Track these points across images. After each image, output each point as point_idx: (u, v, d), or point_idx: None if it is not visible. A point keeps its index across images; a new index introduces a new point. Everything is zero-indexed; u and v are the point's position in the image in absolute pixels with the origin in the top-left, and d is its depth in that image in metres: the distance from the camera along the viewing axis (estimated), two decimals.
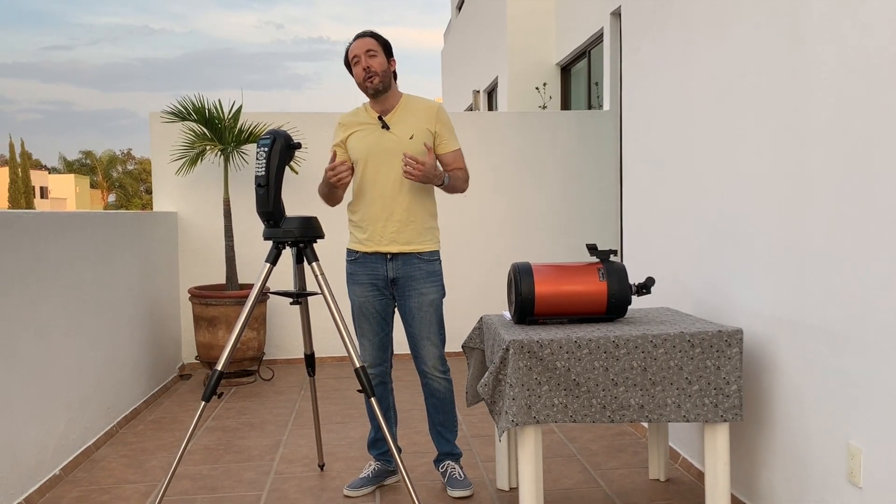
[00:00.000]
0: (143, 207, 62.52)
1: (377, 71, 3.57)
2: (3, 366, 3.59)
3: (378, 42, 3.63)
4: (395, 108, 3.67)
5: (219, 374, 3.38)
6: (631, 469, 4.06)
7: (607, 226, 7.26)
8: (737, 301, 3.47)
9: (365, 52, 3.57)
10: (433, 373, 3.76)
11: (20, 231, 3.83)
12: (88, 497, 3.84)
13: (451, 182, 3.68)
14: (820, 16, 2.79)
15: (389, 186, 3.61)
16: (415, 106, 3.70)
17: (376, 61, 3.58)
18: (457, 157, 3.76)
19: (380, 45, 3.62)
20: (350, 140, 3.69)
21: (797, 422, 3.02)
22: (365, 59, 3.57)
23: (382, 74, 3.59)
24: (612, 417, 3.09)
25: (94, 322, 4.74)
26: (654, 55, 4.38)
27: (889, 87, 2.44)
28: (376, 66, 3.57)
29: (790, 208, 3.01)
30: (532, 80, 10.48)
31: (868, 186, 2.55)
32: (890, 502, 2.52)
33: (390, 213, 3.63)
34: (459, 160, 3.77)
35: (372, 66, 3.57)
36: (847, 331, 2.69)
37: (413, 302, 3.69)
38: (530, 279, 3.29)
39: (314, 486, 3.91)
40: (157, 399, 5.80)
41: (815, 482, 2.91)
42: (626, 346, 3.09)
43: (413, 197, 3.63)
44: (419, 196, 3.66)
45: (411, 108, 3.69)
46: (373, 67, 3.57)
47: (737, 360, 3.12)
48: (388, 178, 3.62)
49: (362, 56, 3.57)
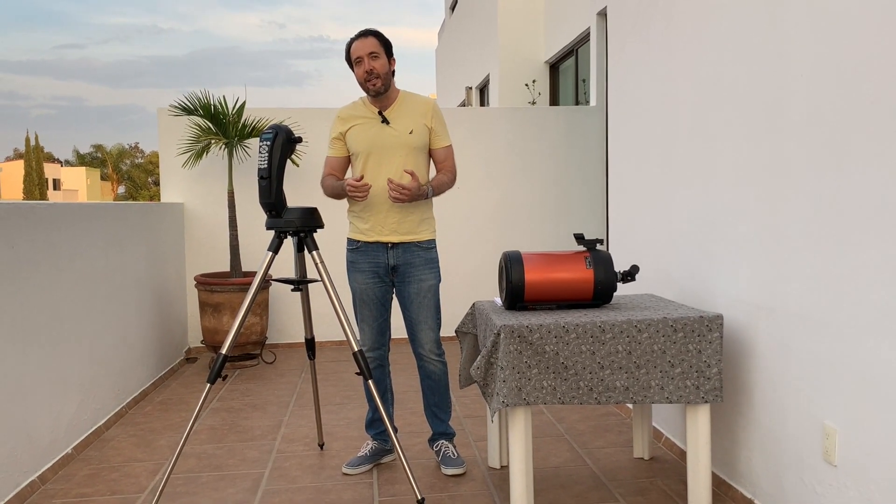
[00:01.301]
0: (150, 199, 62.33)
1: (380, 73, 3.54)
2: (18, 350, 3.57)
3: (380, 42, 3.58)
4: (393, 104, 3.65)
5: (223, 357, 3.37)
6: (616, 448, 4.06)
7: (594, 216, 7.25)
8: (717, 288, 3.46)
9: (368, 55, 3.53)
10: (429, 356, 3.75)
11: (35, 221, 3.81)
12: (99, 475, 3.82)
13: (436, 192, 3.68)
14: (796, 15, 2.77)
15: (392, 178, 3.59)
16: (412, 102, 3.67)
17: (379, 63, 3.54)
18: (448, 154, 3.74)
19: (382, 46, 3.58)
20: (350, 133, 3.66)
21: (775, 403, 3.02)
22: (368, 61, 3.53)
23: (384, 77, 3.56)
24: (599, 399, 3.09)
25: (105, 308, 4.72)
26: (638, 53, 4.36)
27: (861, 83, 2.43)
28: (379, 69, 3.54)
29: (768, 199, 3.00)
30: (522, 78, 10.46)
31: (842, 178, 2.54)
32: (863, 480, 2.52)
33: (391, 205, 3.61)
34: (450, 157, 3.76)
35: (375, 68, 3.53)
36: (822, 316, 2.69)
37: (412, 288, 3.68)
38: (520, 267, 3.28)
39: (314, 465, 3.91)
40: (164, 381, 5.79)
41: (792, 461, 2.91)
42: (611, 330, 3.08)
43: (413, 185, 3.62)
44: (420, 182, 3.64)
45: (409, 103, 3.66)
46: (376, 70, 3.53)
47: (717, 345, 3.12)
48: (389, 171, 3.60)
49: (365, 58, 3.53)
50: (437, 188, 3.68)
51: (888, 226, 2.34)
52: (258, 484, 3.66)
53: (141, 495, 3.55)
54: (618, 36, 4.71)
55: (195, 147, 6.36)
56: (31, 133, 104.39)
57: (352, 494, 3.51)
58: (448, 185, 3.75)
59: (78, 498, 3.53)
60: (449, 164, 3.76)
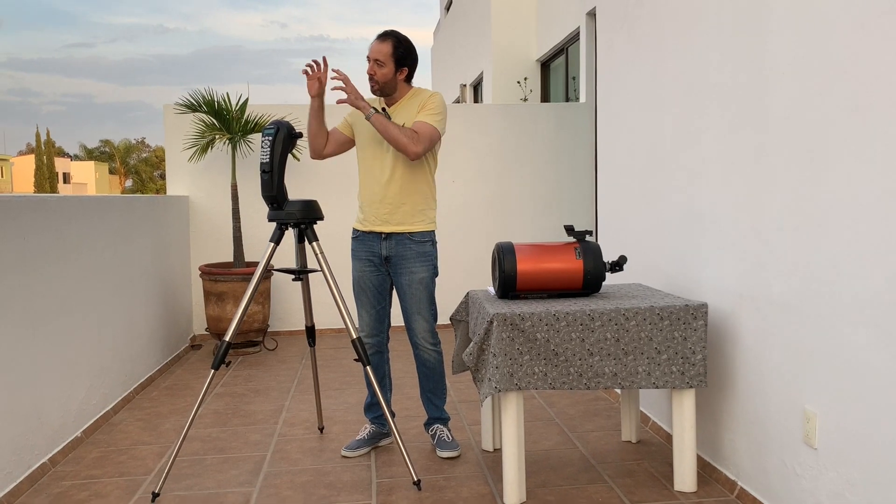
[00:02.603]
0: (157, 192, 62.15)
1: (378, 80, 3.54)
2: (30, 337, 3.55)
3: (393, 51, 3.52)
4: (400, 101, 3.64)
5: (227, 344, 3.36)
6: (605, 432, 4.06)
7: (583, 208, 7.24)
8: (702, 277, 3.45)
9: (374, 60, 3.53)
10: (424, 345, 3.73)
11: (45, 213, 3.79)
12: (107, 457, 3.81)
13: (382, 124, 3.42)
14: (778, 17, 2.76)
15: (384, 171, 3.59)
16: (416, 98, 3.63)
17: (381, 71, 3.53)
18: (421, 125, 3.48)
19: (392, 56, 3.52)
20: (357, 123, 3.69)
21: (757, 388, 3.02)
22: (372, 65, 3.54)
23: (382, 84, 3.56)
24: (588, 385, 3.08)
25: (113, 297, 4.70)
26: (626, 52, 4.34)
27: (837, 82, 2.42)
28: (379, 76, 3.53)
29: (751, 192, 2.99)
30: (514, 75, 10.43)
31: (821, 172, 2.53)
32: (842, 461, 2.51)
33: (384, 196, 3.60)
34: (423, 128, 3.48)
35: (375, 74, 3.53)
36: (802, 304, 2.68)
37: (404, 280, 3.66)
38: (513, 257, 3.27)
39: (314, 447, 3.90)
40: (170, 367, 5.77)
41: (774, 444, 2.91)
42: (600, 318, 3.07)
43: (405, 182, 3.59)
44: (412, 180, 3.60)
45: (413, 100, 3.62)
46: (375, 76, 3.54)
47: (702, 332, 3.11)
48: (383, 163, 3.60)
49: (371, 61, 3.55)
50: (383, 124, 3.42)
51: (864, 218, 2.33)
52: (260, 466, 3.65)
53: (148, 477, 3.54)
54: (606, 35, 4.69)
55: (200, 142, 6.34)
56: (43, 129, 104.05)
57: (350, 476, 3.51)
58: (396, 135, 3.42)
59: (87, 479, 3.52)
60: (417, 128, 3.48)
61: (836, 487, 2.54)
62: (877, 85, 2.27)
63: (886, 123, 2.24)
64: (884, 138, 2.25)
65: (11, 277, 3.42)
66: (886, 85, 2.23)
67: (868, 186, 2.32)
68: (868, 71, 2.31)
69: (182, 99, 6.24)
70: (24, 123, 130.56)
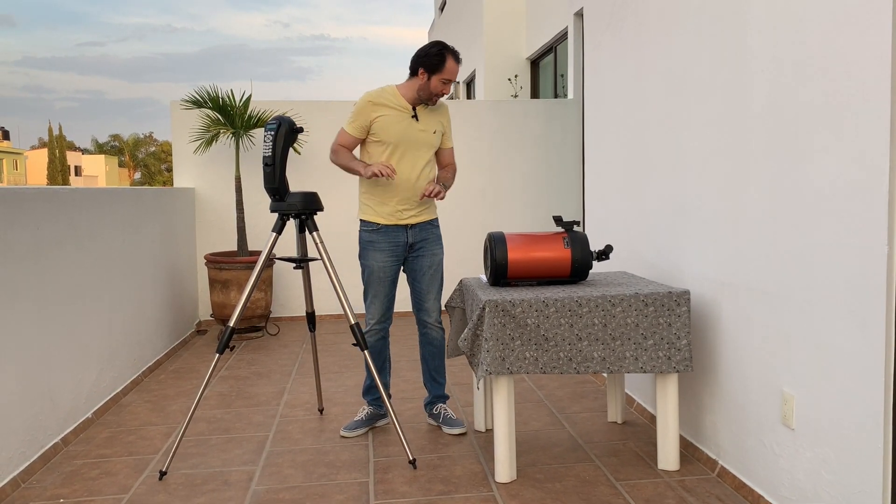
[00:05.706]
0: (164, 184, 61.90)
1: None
2: (43, 322, 3.52)
3: None
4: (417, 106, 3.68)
5: (231, 329, 3.34)
6: (592, 413, 4.05)
7: (571, 199, 7.22)
8: (685, 266, 3.44)
9: (454, 82, 3.64)
10: (434, 324, 3.76)
11: (58, 205, 3.75)
12: (117, 437, 3.79)
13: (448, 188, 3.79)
14: (757, 16, 2.73)
15: (415, 170, 3.61)
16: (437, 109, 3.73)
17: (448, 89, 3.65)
18: (452, 154, 3.85)
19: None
20: (379, 122, 3.55)
21: (738, 372, 3.01)
22: (449, 86, 3.62)
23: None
24: (578, 369, 3.07)
25: (122, 284, 4.66)
26: (612, 51, 4.31)
27: (811, 78, 2.40)
28: (447, 93, 3.66)
29: (731, 184, 2.97)
30: (505, 73, 10.39)
31: (797, 164, 2.51)
32: (818, 442, 2.51)
33: (415, 193, 3.62)
34: (453, 157, 3.86)
35: (446, 92, 3.62)
36: (780, 291, 2.67)
37: (426, 262, 3.70)
38: (504, 247, 3.25)
39: (314, 428, 3.88)
40: (176, 352, 5.74)
41: (753, 425, 2.90)
42: (588, 305, 3.05)
43: (427, 177, 3.67)
44: (430, 175, 3.69)
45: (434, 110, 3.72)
46: (445, 93, 3.62)
47: (686, 318, 3.09)
48: (415, 163, 3.61)
49: (451, 83, 3.61)
50: (448, 187, 3.79)
51: (839, 209, 2.32)
52: (263, 446, 3.63)
53: (155, 456, 3.51)
54: (593, 34, 4.66)
55: (205, 136, 6.31)
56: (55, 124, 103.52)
57: (349, 455, 3.49)
58: (453, 180, 3.84)
59: (98, 458, 3.50)
60: (454, 163, 3.85)
61: (813, 466, 2.54)
62: (849, 81, 2.25)
63: (858, 117, 2.22)
64: (856, 131, 2.23)
65: (25, 265, 3.38)
66: (858, 82, 2.21)
67: (841, 178, 2.30)
68: (841, 67, 2.29)
69: (188, 95, 6.20)
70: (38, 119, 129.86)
